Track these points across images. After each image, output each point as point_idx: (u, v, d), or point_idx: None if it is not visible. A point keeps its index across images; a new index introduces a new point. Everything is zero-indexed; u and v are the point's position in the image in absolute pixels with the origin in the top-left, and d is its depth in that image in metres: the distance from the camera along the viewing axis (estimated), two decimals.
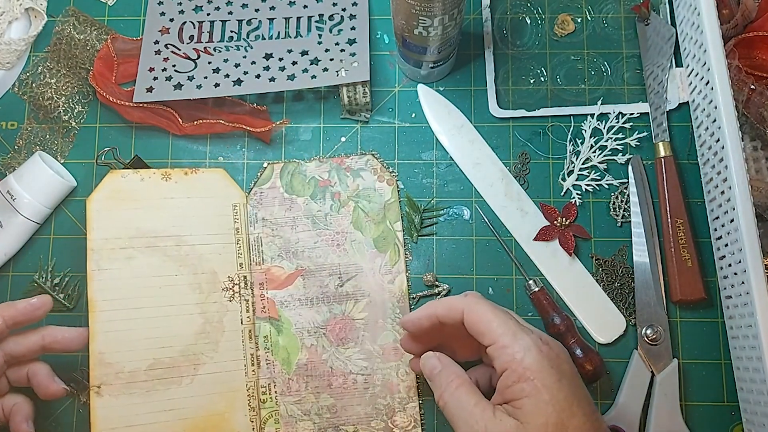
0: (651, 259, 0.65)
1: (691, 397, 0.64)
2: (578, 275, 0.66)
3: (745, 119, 0.65)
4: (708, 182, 0.65)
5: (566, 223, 0.66)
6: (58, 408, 0.66)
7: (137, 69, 0.70)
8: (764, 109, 0.63)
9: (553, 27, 0.72)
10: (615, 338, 0.64)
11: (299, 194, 0.68)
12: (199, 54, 0.69)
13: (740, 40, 0.67)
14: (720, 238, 0.63)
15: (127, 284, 0.64)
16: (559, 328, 0.63)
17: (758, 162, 0.67)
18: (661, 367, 0.63)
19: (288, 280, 0.66)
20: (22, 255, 0.68)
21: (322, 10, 0.70)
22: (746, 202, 0.58)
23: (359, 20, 0.69)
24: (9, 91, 0.71)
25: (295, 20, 0.70)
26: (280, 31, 0.70)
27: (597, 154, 0.68)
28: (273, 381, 0.65)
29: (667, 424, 0.61)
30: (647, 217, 0.66)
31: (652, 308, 0.64)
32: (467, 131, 0.69)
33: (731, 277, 0.61)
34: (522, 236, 0.67)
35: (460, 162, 0.69)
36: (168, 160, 0.70)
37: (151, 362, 0.64)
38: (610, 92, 0.70)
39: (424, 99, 0.70)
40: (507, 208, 0.67)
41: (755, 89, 0.63)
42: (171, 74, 0.68)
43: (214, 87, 0.67)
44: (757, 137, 0.67)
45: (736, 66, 0.64)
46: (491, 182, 0.68)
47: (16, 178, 0.66)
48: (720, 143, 0.61)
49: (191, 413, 0.63)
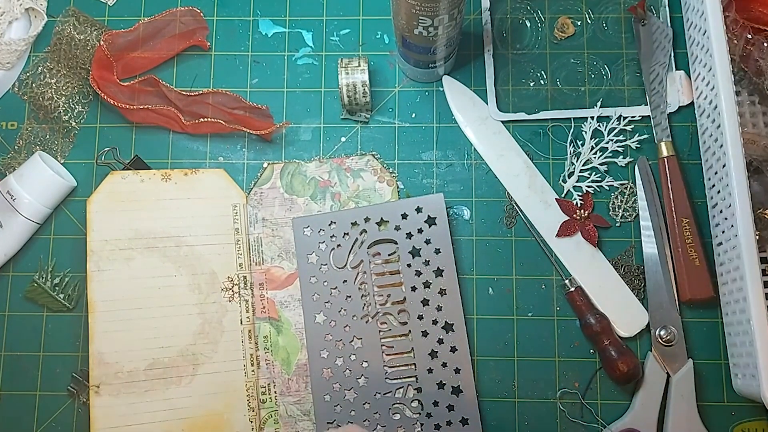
0: (661, 260, 0.65)
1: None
2: (600, 267, 0.66)
3: (743, 74, 0.65)
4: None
5: (585, 215, 0.66)
6: (58, 408, 0.66)
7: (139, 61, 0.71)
8: (762, 61, 0.62)
9: (553, 29, 0.72)
10: (637, 332, 0.64)
11: (299, 195, 0.68)
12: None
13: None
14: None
15: (126, 285, 0.65)
16: (594, 329, 0.63)
17: (755, 116, 0.67)
18: (676, 368, 0.63)
19: (288, 280, 0.66)
20: (22, 255, 0.68)
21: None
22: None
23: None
24: (9, 91, 0.71)
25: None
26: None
27: (598, 155, 0.68)
28: (272, 381, 0.65)
29: (684, 426, 0.61)
30: (656, 217, 0.66)
31: (665, 309, 0.64)
32: (492, 123, 0.69)
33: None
34: (545, 228, 0.67)
35: (485, 154, 0.69)
36: (168, 160, 0.70)
37: (150, 362, 0.64)
38: (611, 94, 0.70)
39: (449, 90, 0.70)
40: (530, 200, 0.68)
41: (753, 41, 0.62)
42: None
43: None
44: (755, 91, 0.66)
45: (732, 18, 0.63)
46: (516, 173, 0.68)
47: (16, 178, 0.66)
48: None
49: (190, 413, 0.63)
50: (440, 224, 0.65)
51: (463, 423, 0.63)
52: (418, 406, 0.63)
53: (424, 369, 0.64)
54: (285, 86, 0.71)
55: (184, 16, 0.72)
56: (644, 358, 0.64)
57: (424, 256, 0.65)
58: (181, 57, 0.72)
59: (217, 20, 0.73)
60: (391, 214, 0.66)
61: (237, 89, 0.71)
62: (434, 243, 0.65)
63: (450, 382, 0.63)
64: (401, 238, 0.65)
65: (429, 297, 0.64)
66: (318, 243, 0.66)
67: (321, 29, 0.72)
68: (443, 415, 0.63)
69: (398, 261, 0.65)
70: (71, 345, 0.67)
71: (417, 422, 0.63)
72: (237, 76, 0.72)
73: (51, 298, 0.67)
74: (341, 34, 0.72)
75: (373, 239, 0.65)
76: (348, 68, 0.68)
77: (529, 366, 0.65)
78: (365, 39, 0.72)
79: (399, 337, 0.64)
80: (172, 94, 0.69)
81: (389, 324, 0.65)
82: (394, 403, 0.63)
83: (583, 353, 0.65)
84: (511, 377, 0.65)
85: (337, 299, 0.65)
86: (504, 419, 0.65)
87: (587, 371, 0.65)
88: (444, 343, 0.64)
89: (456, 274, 0.65)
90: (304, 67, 0.72)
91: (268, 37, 0.72)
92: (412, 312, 0.64)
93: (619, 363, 0.61)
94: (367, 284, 0.65)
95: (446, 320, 0.64)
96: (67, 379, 0.66)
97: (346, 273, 0.65)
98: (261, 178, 0.69)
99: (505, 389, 0.65)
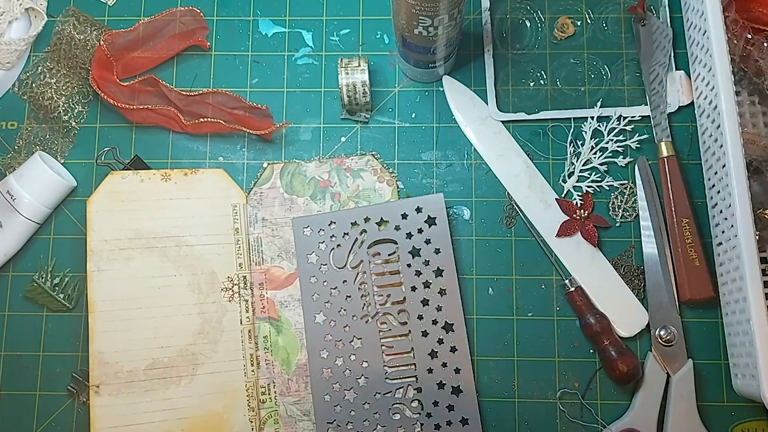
0: (661, 260, 0.65)
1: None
2: (600, 267, 0.66)
3: (743, 74, 0.65)
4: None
5: (585, 215, 0.66)
6: (57, 408, 0.66)
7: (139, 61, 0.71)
8: (762, 61, 0.62)
9: (552, 29, 0.72)
10: (637, 332, 0.64)
11: (299, 194, 0.68)
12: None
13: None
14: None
15: (126, 285, 0.65)
16: (594, 329, 0.63)
17: (755, 116, 0.67)
18: (676, 368, 0.63)
19: (288, 280, 0.66)
20: (22, 255, 0.68)
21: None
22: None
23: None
24: (9, 91, 0.71)
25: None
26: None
27: (598, 155, 0.68)
28: (272, 381, 0.65)
29: (684, 426, 0.61)
30: (656, 218, 0.66)
31: (665, 309, 0.64)
32: (492, 123, 0.69)
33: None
34: (545, 228, 0.67)
35: (485, 153, 0.69)
36: (168, 160, 0.70)
37: (150, 362, 0.64)
38: (611, 94, 0.70)
39: (449, 90, 0.70)
40: (530, 200, 0.68)
41: (753, 41, 0.62)
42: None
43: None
44: (755, 91, 0.67)
45: (732, 18, 0.63)
46: (516, 173, 0.68)
47: (16, 178, 0.66)
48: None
49: (190, 413, 0.63)
50: (440, 224, 0.65)
51: (463, 423, 0.63)
52: (418, 406, 0.63)
53: (424, 369, 0.64)
54: (285, 86, 0.71)
55: (184, 16, 0.72)
56: (644, 358, 0.64)
57: (424, 256, 0.65)
58: (181, 57, 0.72)
59: (217, 20, 0.73)
60: (391, 214, 0.66)
61: (237, 89, 0.71)
62: (434, 243, 0.65)
63: (450, 382, 0.63)
64: (401, 238, 0.65)
65: (429, 297, 0.64)
66: (318, 243, 0.66)
67: (321, 29, 0.72)
68: (443, 415, 0.63)
69: (398, 261, 0.65)
70: (71, 345, 0.67)
71: (417, 422, 0.63)
72: (237, 76, 0.72)
73: (51, 298, 0.67)
74: (341, 34, 0.72)
75: (373, 239, 0.65)
76: (348, 68, 0.68)
77: (529, 366, 0.65)
78: (365, 39, 0.72)
79: (399, 337, 0.64)
80: (172, 94, 0.69)
81: (389, 324, 0.65)
82: (394, 403, 0.63)
83: (583, 353, 0.65)
84: (511, 377, 0.65)
85: (337, 299, 0.65)
86: (504, 419, 0.65)
87: (587, 371, 0.65)
88: (444, 343, 0.64)
89: (456, 274, 0.65)
90: (304, 67, 0.72)
91: (268, 37, 0.72)
92: (412, 312, 0.64)
93: (619, 363, 0.61)
94: (367, 284, 0.65)
95: (446, 320, 0.64)
96: (67, 379, 0.66)
97: (346, 273, 0.65)
98: (261, 178, 0.69)
99: (505, 389, 0.65)
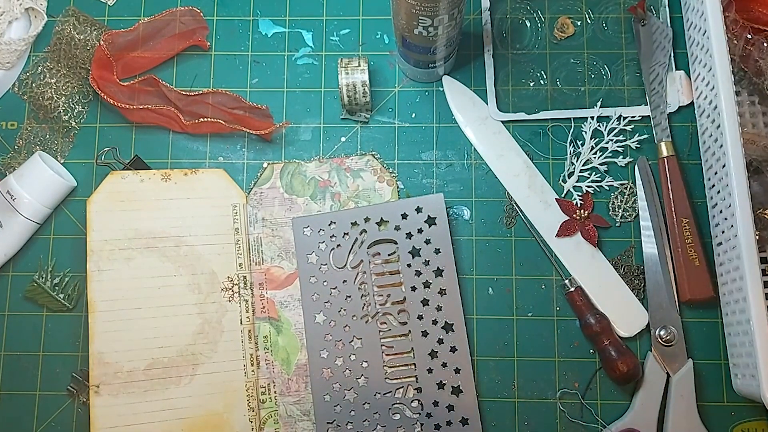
0: (661, 260, 0.65)
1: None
2: (600, 267, 0.66)
3: (743, 74, 0.65)
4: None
5: (585, 215, 0.66)
6: (57, 408, 0.66)
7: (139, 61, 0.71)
8: (762, 61, 0.62)
9: (552, 29, 0.72)
10: (637, 332, 0.64)
11: (299, 194, 0.68)
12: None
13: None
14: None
15: (126, 285, 0.65)
16: (594, 329, 0.63)
17: (755, 116, 0.67)
18: (676, 368, 0.63)
19: (288, 280, 0.66)
20: (22, 255, 0.68)
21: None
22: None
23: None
24: (9, 91, 0.71)
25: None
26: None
27: (597, 155, 0.68)
28: (272, 381, 0.65)
29: (684, 426, 0.61)
30: (656, 218, 0.66)
31: (665, 309, 0.64)
32: (492, 123, 0.69)
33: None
34: (545, 228, 0.67)
35: (485, 154, 0.69)
36: (168, 160, 0.70)
37: (150, 362, 0.64)
38: (611, 94, 0.70)
39: (449, 90, 0.70)
40: (530, 200, 0.68)
41: (753, 41, 0.62)
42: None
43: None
44: (755, 91, 0.67)
45: (732, 18, 0.63)
46: (516, 173, 0.68)
47: (16, 178, 0.66)
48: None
49: (190, 413, 0.63)
50: (440, 224, 0.65)
51: (463, 423, 0.63)
52: (418, 406, 0.63)
53: (424, 369, 0.64)
54: (285, 86, 0.71)
55: (184, 16, 0.72)
56: (644, 358, 0.64)
57: (424, 256, 0.65)
58: (181, 57, 0.72)
59: (217, 20, 0.73)
60: (391, 214, 0.66)
61: (237, 89, 0.71)
62: (434, 243, 0.65)
63: (450, 382, 0.63)
64: (401, 238, 0.65)
65: (429, 297, 0.64)
66: (318, 243, 0.66)
67: (321, 29, 0.72)
68: (443, 415, 0.63)
69: (398, 261, 0.65)
70: (71, 345, 0.67)
71: (417, 422, 0.63)
72: (237, 76, 0.72)
73: (51, 298, 0.67)
74: (341, 34, 0.72)
75: (373, 239, 0.65)
76: (348, 68, 0.68)
77: (529, 366, 0.65)
78: (365, 39, 0.72)
79: (399, 337, 0.64)
80: (172, 94, 0.69)
81: (389, 324, 0.65)
82: (394, 403, 0.63)
83: (583, 353, 0.65)
84: (511, 377, 0.65)
85: (337, 299, 0.65)
86: (504, 419, 0.65)
87: (587, 371, 0.65)
88: (444, 343, 0.64)
89: (456, 274, 0.65)
90: (304, 67, 0.72)
91: (268, 37, 0.72)
92: (412, 312, 0.64)
93: (619, 363, 0.61)
94: (367, 284, 0.65)
95: (446, 320, 0.64)
96: (67, 379, 0.66)
97: (346, 273, 0.65)
98: (261, 178, 0.69)
99: (505, 389, 0.65)
